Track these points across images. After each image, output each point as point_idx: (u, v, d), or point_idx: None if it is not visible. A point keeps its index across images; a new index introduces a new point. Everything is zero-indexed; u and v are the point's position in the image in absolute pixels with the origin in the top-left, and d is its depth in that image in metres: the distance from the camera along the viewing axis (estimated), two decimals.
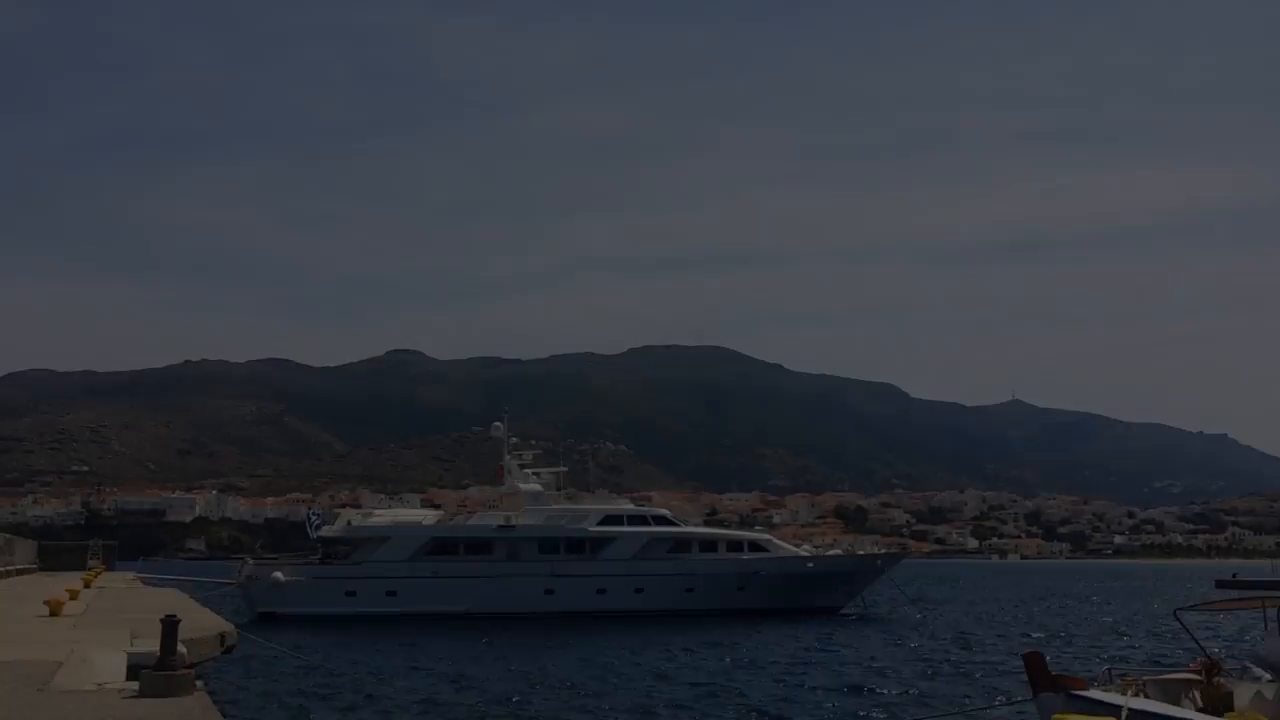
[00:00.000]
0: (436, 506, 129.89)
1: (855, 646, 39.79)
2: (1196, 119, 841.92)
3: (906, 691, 27.42)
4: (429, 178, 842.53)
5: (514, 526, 54.12)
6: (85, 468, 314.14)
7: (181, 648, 11.94)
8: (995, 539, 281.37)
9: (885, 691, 27.43)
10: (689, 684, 28.87)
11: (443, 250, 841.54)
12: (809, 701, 25.96)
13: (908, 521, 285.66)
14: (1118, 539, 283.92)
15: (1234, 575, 19.27)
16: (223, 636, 19.42)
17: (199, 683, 11.75)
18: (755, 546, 57.59)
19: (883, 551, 68.09)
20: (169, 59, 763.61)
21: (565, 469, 68.93)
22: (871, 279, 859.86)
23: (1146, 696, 14.60)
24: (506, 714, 23.86)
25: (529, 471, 60.04)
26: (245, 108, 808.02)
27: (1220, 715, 13.95)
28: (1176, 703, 14.49)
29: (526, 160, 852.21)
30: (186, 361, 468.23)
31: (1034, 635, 46.04)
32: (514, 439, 61.68)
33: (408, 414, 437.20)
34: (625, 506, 62.33)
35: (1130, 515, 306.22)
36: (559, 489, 63.58)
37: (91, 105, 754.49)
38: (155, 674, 11.30)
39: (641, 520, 56.79)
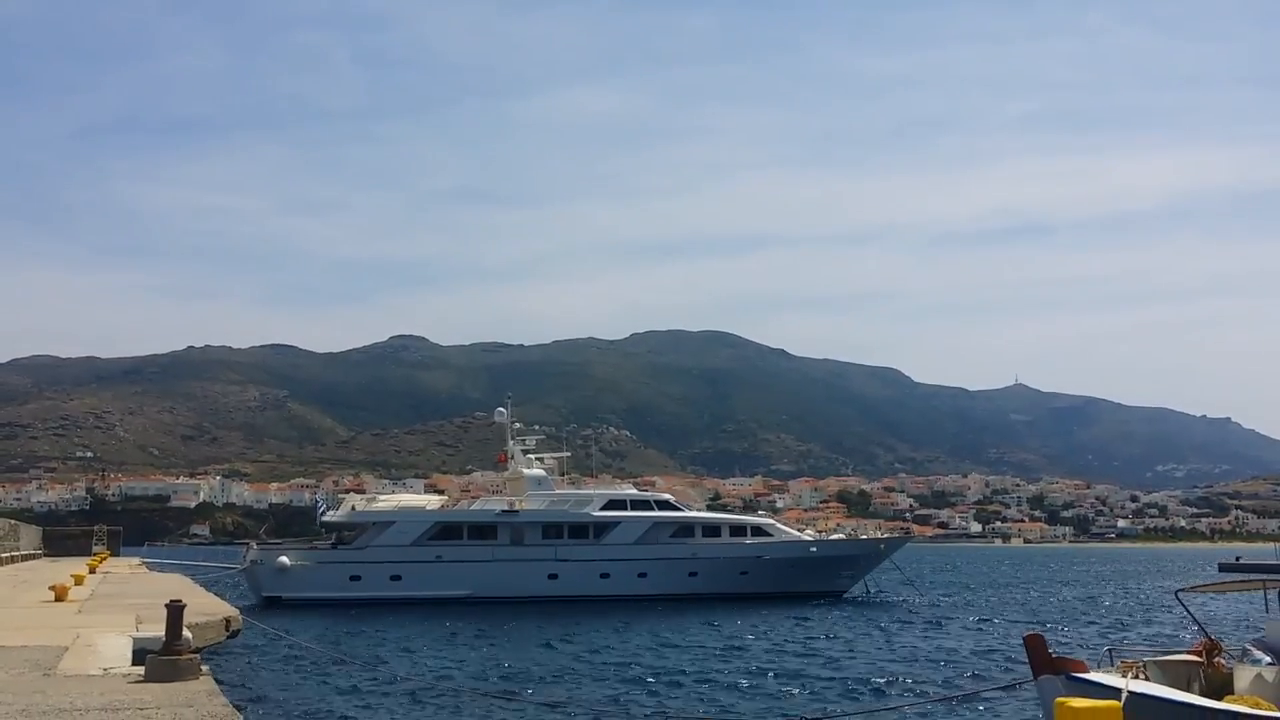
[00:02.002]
0: (440, 491, 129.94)
1: (855, 630, 39.89)
2: (1200, 102, 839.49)
3: (906, 674, 27.49)
4: (431, 162, 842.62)
5: (517, 511, 54.17)
6: (89, 453, 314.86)
7: (187, 633, 12.00)
8: (998, 523, 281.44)
9: (886, 675, 27.50)
10: (679, 670, 28.95)
11: (445, 235, 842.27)
12: (809, 686, 26.02)
13: (910, 506, 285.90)
14: (1121, 523, 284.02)
15: (1237, 558, 19.25)
16: (228, 621, 19.51)
17: (204, 667, 11.79)
18: (758, 531, 57.64)
19: (885, 536, 68.08)
20: (170, 45, 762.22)
21: (568, 454, 68.99)
22: (874, 263, 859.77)
23: (1147, 679, 14.63)
24: (503, 695, 23.96)
25: (532, 457, 60.06)
26: (247, 93, 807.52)
27: (1221, 698, 13.99)
28: (1177, 685, 14.52)
29: (528, 145, 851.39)
30: (190, 347, 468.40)
31: (1035, 618, 46.12)
32: (517, 424, 61.70)
33: (411, 399, 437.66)
34: (628, 491, 62.40)
35: (1133, 499, 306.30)
36: (562, 474, 63.58)
37: (93, 92, 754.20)
38: (160, 659, 11.34)
39: (645, 505, 56.83)
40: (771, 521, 62.48)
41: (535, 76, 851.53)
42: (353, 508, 56.25)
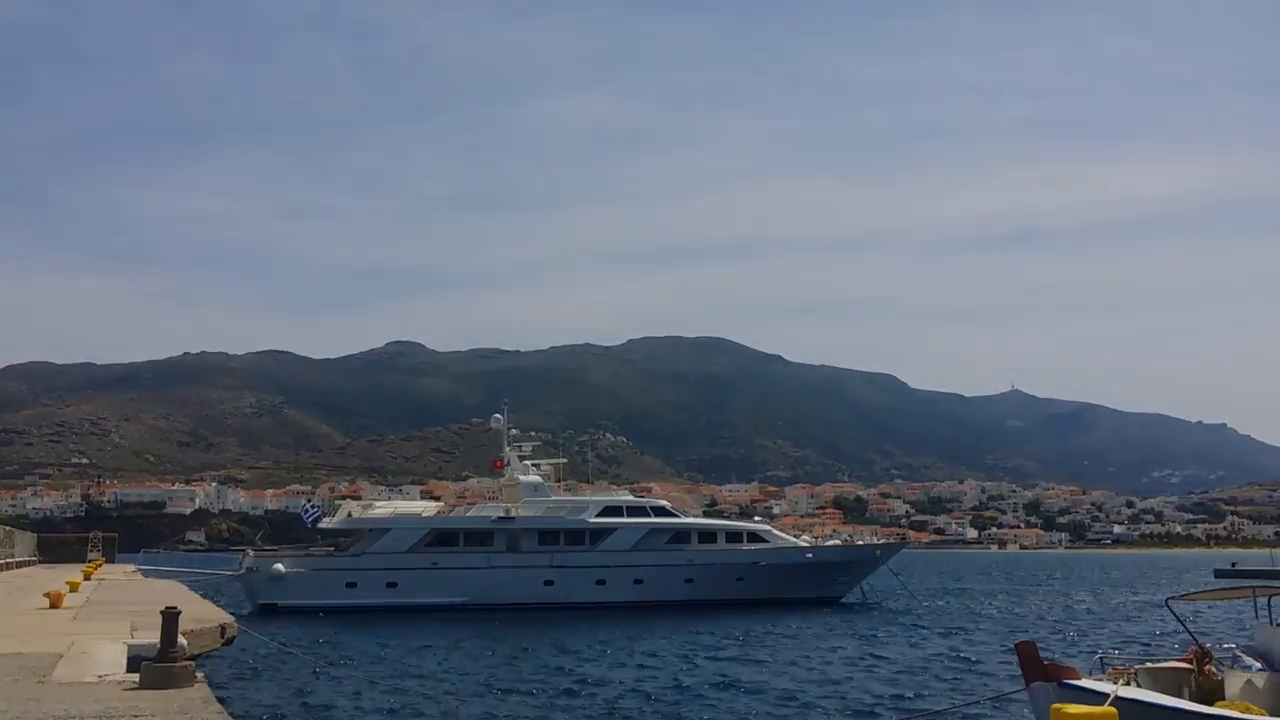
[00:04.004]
0: (436, 498, 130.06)
1: (850, 637, 39.91)
2: (1194, 109, 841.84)
3: (901, 681, 27.53)
4: (427, 169, 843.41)
5: (513, 518, 54.17)
6: (85, 460, 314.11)
7: (182, 640, 12.01)
8: (994, 529, 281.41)
9: (880, 682, 27.54)
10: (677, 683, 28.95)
11: (442, 242, 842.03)
12: (801, 695, 26.04)
13: (907, 512, 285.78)
14: (1117, 529, 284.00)
15: (1233, 565, 19.27)
16: (223, 628, 19.48)
17: (200, 675, 11.81)
18: (754, 537, 57.62)
19: (882, 542, 68.19)
20: (167, 51, 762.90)
21: (565, 460, 68.98)
22: (870, 269, 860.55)
23: (1138, 685, 14.70)
24: (498, 700, 24.00)
25: (528, 463, 60.01)
26: (243, 100, 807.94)
27: (1211, 704, 14.06)
28: (1167, 691, 14.59)
29: (525, 151, 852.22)
30: (186, 353, 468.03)
31: (1027, 625, 46.16)
32: (513, 430, 61.66)
33: (407, 405, 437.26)
34: (624, 498, 62.44)
35: (1129, 505, 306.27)
36: (558, 480, 63.52)
37: (89, 98, 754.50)
38: (156, 666, 11.35)
39: (641, 511, 56.81)
40: (767, 528, 62.43)
41: (531, 83, 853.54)
42: (349, 514, 56.25)
